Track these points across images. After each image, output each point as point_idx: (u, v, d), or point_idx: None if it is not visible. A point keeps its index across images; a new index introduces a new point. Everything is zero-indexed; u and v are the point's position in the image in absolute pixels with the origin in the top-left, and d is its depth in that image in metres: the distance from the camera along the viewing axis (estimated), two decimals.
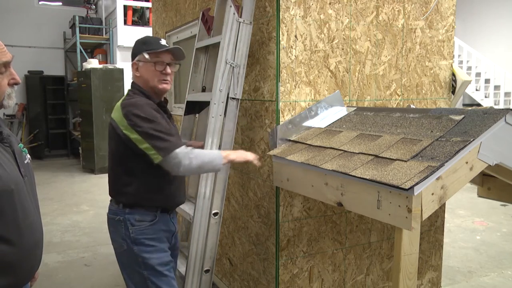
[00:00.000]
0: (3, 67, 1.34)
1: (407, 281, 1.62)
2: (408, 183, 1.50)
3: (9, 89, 1.37)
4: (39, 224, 1.48)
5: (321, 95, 2.43)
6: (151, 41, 2.07)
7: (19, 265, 1.38)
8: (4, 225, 1.32)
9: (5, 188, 1.30)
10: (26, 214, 1.39)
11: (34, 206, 1.46)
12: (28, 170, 1.46)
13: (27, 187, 1.42)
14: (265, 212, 2.50)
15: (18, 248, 1.36)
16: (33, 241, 1.43)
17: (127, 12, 9.48)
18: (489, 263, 4.08)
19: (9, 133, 1.46)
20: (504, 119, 1.67)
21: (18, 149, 1.45)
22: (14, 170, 1.36)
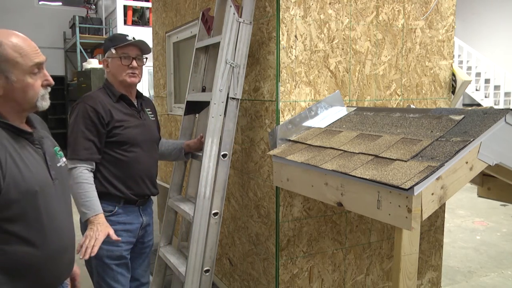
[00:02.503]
0: (36, 68, 1.34)
1: (407, 281, 1.62)
2: (408, 183, 1.50)
3: (43, 90, 1.38)
4: (68, 229, 1.47)
5: (321, 95, 2.43)
6: (117, 37, 2.19)
7: (43, 268, 1.36)
8: (26, 226, 1.31)
9: (28, 189, 1.29)
10: (52, 218, 1.37)
11: (64, 210, 1.45)
12: (60, 173, 1.46)
13: (57, 190, 1.41)
14: (265, 212, 2.50)
15: (42, 251, 1.35)
16: (60, 246, 1.41)
17: (127, 12, 9.48)
18: (489, 263, 4.08)
19: (44, 135, 1.47)
20: (504, 119, 1.67)
21: (51, 151, 1.45)
22: (41, 172, 1.36)
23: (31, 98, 1.34)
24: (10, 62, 1.29)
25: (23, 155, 1.32)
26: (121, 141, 2.09)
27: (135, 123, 2.15)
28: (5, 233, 1.28)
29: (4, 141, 1.29)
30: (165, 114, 4.15)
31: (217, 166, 2.31)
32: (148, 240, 2.33)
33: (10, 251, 1.29)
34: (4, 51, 1.29)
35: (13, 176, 1.27)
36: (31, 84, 1.33)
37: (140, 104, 2.25)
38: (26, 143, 1.36)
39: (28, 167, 1.32)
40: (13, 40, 1.31)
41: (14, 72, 1.30)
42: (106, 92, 2.15)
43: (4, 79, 1.30)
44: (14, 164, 1.28)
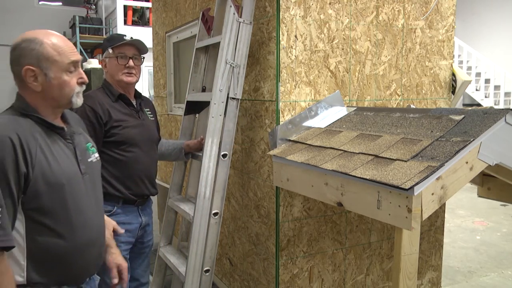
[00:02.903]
0: (72, 66, 1.41)
1: (407, 281, 1.62)
2: (408, 183, 1.50)
3: (78, 87, 1.43)
4: (97, 224, 1.50)
5: (321, 95, 2.43)
6: (114, 37, 2.21)
7: (71, 260, 1.41)
8: (54, 218, 1.36)
9: (56, 182, 1.35)
10: (79, 211, 1.42)
11: (93, 205, 1.48)
12: (91, 169, 1.50)
13: (86, 184, 1.46)
14: (265, 212, 2.50)
15: (69, 243, 1.39)
16: (87, 239, 1.45)
17: (127, 12, 9.48)
18: (489, 263, 4.08)
19: (77, 131, 1.52)
20: (504, 119, 1.67)
21: (82, 147, 1.51)
22: (70, 166, 1.41)
23: (66, 94, 1.41)
24: (49, 60, 1.36)
25: (53, 149, 1.38)
26: (120, 141, 2.09)
27: (133, 123, 2.16)
28: (35, 223, 1.34)
29: (36, 134, 1.35)
30: (165, 114, 4.16)
31: (217, 166, 2.31)
32: (147, 240, 2.33)
33: (40, 240, 1.34)
34: (44, 50, 1.36)
35: (41, 168, 1.32)
36: (67, 81, 1.40)
37: (139, 104, 2.26)
38: (58, 138, 1.42)
39: (57, 160, 1.37)
40: (53, 40, 1.39)
41: (52, 70, 1.37)
42: (105, 92, 2.16)
43: (43, 76, 1.37)
44: (43, 156, 1.33)
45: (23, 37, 1.38)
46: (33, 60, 1.36)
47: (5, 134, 1.28)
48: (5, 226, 1.23)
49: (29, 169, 1.29)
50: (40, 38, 1.37)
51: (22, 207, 1.32)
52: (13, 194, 1.27)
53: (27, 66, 1.36)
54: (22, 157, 1.28)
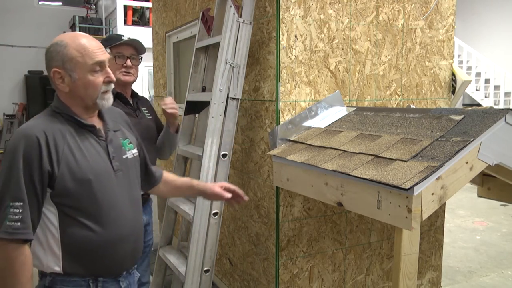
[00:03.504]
0: (97, 66, 1.43)
1: (407, 281, 1.62)
2: (408, 183, 1.50)
3: (104, 86, 1.46)
4: (131, 220, 1.51)
5: (321, 95, 2.43)
6: (113, 37, 2.22)
7: (102, 254, 1.44)
8: (84, 213, 1.40)
9: (82, 177, 1.38)
10: (111, 207, 1.44)
11: (126, 201, 1.50)
12: (125, 165, 1.52)
13: (119, 180, 1.48)
14: (265, 212, 2.50)
15: (100, 238, 1.42)
16: (119, 234, 1.46)
17: (127, 12, 9.48)
18: (489, 263, 4.07)
19: (113, 128, 1.54)
20: (504, 119, 1.67)
21: (117, 143, 1.53)
22: (100, 162, 1.44)
23: (91, 94, 1.44)
24: (73, 61, 1.40)
25: (83, 146, 1.42)
26: None
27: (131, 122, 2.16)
28: (67, 216, 1.39)
29: (66, 132, 1.41)
30: None
31: (217, 166, 2.32)
32: (147, 240, 2.33)
33: (72, 233, 1.39)
34: (68, 52, 1.40)
35: (68, 164, 1.37)
36: (91, 81, 1.43)
37: (136, 103, 2.27)
38: (89, 135, 1.46)
39: (86, 156, 1.41)
40: (77, 41, 1.42)
41: (76, 70, 1.41)
42: None
43: (69, 77, 1.42)
44: (70, 153, 1.38)
45: (52, 41, 1.44)
46: (59, 62, 1.41)
47: (33, 133, 1.34)
48: (25, 220, 1.30)
49: (54, 166, 1.34)
50: (65, 41, 1.42)
51: (53, 201, 1.38)
52: (37, 191, 1.33)
53: (54, 69, 1.42)
54: (47, 155, 1.34)
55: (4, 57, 10.70)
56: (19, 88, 11.02)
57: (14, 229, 1.29)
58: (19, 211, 1.30)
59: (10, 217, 1.29)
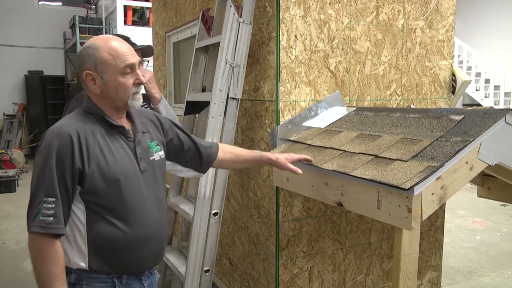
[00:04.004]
0: (128, 69, 1.47)
1: (407, 281, 1.62)
2: (408, 183, 1.50)
3: (134, 88, 1.49)
4: (156, 220, 1.55)
5: (321, 95, 2.43)
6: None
7: (128, 253, 1.47)
8: (111, 211, 1.44)
9: (111, 177, 1.42)
10: (138, 207, 1.48)
11: (152, 202, 1.53)
12: (152, 167, 1.56)
13: (146, 181, 1.52)
14: (265, 212, 2.50)
15: (127, 237, 1.45)
16: (145, 234, 1.50)
17: (127, 12, 9.47)
18: (489, 263, 4.08)
19: (141, 130, 1.58)
20: (504, 119, 1.67)
21: (145, 145, 1.57)
22: (128, 163, 1.48)
23: (122, 96, 1.48)
24: (105, 64, 1.45)
25: (112, 146, 1.47)
26: None
27: None
28: (94, 214, 1.43)
29: (96, 131, 1.45)
30: None
31: None
32: None
33: (99, 231, 1.43)
34: (100, 54, 1.45)
35: (97, 163, 1.41)
36: (122, 83, 1.46)
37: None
38: (119, 136, 1.50)
39: (115, 156, 1.45)
40: (109, 44, 1.46)
41: (107, 73, 1.45)
42: None
43: (100, 79, 1.46)
44: (100, 152, 1.43)
45: (85, 44, 1.49)
46: (91, 65, 1.45)
47: (66, 131, 1.40)
48: (58, 215, 1.36)
49: (84, 164, 1.39)
50: (97, 44, 1.46)
51: (82, 198, 1.42)
52: (68, 187, 1.38)
53: (87, 71, 1.46)
54: (78, 153, 1.39)
55: (4, 57, 10.69)
56: (19, 88, 11.01)
57: (47, 224, 1.34)
58: (52, 206, 1.35)
59: (44, 212, 1.34)
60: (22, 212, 5.38)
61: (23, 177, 7.92)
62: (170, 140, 1.72)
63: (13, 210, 5.86)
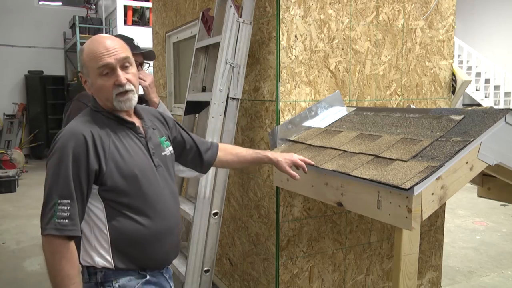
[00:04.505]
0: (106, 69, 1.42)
1: (407, 281, 1.62)
2: (408, 183, 1.50)
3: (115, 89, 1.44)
4: (173, 212, 1.56)
5: (321, 95, 2.43)
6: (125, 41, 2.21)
7: (151, 246, 1.47)
8: (132, 207, 1.43)
9: (129, 173, 1.42)
10: (156, 200, 1.48)
11: (168, 195, 1.54)
12: (165, 162, 1.57)
13: (160, 176, 1.52)
14: (265, 212, 2.50)
15: (148, 230, 1.46)
16: (165, 226, 1.51)
17: (127, 12, 9.47)
18: (489, 263, 4.07)
19: (151, 126, 1.58)
20: (504, 119, 1.67)
21: (156, 141, 1.57)
22: (143, 158, 1.48)
23: (106, 97, 1.45)
24: (85, 66, 1.45)
25: (126, 142, 1.46)
26: None
27: None
28: (115, 211, 1.42)
29: (108, 130, 1.45)
30: None
31: None
32: None
33: (121, 228, 1.42)
34: (82, 57, 1.45)
35: (115, 160, 1.41)
36: (101, 85, 1.44)
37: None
38: (130, 132, 1.50)
39: (130, 152, 1.45)
40: (88, 45, 1.45)
41: (89, 75, 1.45)
42: None
43: (88, 81, 1.48)
44: (116, 149, 1.42)
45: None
46: (80, 67, 1.48)
47: (80, 132, 1.39)
48: (74, 217, 1.35)
49: (101, 164, 1.38)
50: (83, 46, 1.46)
51: (101, 196, 1.41)
52: (82, 189, 1.37)
53: (80, 73, 1.51)
54: (94, 153, 1.38)
55: (4, 57, 10.69)
56: (19, 88, 11.01)
57: (63, 226, 1.32)
58: (67, 208, 1.33)
59: (59, 214, 1.33)
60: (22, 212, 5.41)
61: (23, 177, 7.92)
62: (174, 138, 1.72)
63: (13, 210, 5.86)
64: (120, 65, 1.44)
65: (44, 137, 10.75)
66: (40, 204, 1.39)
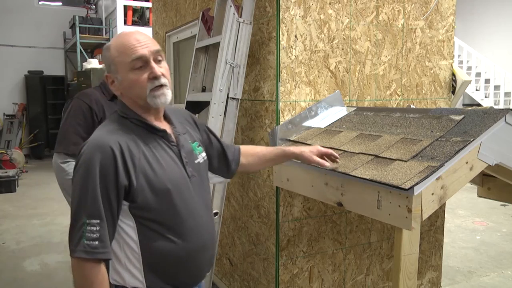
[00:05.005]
0: (139, 63, 1.32)
1: (407, 281, 1.62)
2: (408, 183, 1.50)
3: (150, 84, 1.33)
4: (208, 226, 1.46)
5: (321, 95, 2.43)
6: None
7: (186, 265, 1.39)
8: (164, 225, 1.33)
9: (161, 188, 1.31)
10: (190, 216, 1.38)
11: (202, 207, 1.44)
12: (198, 170, 1.45)
13: (194, 187, 1.41)
14: (265, 212, 2.50)
15: (183, 249, 1.36)
16: (200, 243, 1.41)
17: (127, 12, 9.47)
18: (489, 263, 4.08)
19: (183, 131, 1.47)
20: (504, 119, 1.67)
21: (188, 148, 1.45)
22: (175, 170, 1.37)
23: (139, 94, 1.33)
24: (114, 62, 1.33)
25: (157, 153, 1.34)
26: None
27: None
28: (147, 229, 1.32)
29: (138, 139, 1.32)
30: None
31: None
32: None
33: (153, 246, 1.32)
34: (110, 54, 1.34)
35: (145, 175, 1.29)
36: (134, 80, 1.32)
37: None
38: (161, 141, 1.38)
39: (162, 165, 1.33)
40: (117, 40, 1.34)
41: (119, 72, 1.33)
42: (101, 90, 2.17)
43: (116, 80, 1.35)
44: (147, 163, 1.31)
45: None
46: (107, 66, 1.37)
47: (107, 144, 1.26)
48: (104, 239, 1.24)
49: (132, 180, 1.27)
50: (110, 43, 1.36)
51: (132, 213, 1.31)
52: (112, 206, 1.26)
53: (106, 74, 1.38)
54: (123, 167, 1.26)
55: (4, 57, 10.70)
56: (19, 88, 11.02)
57: (93, 248, 1.22)
58: (96, 229, 1.23)
59: (88, 235, 1.22)
60: (22, 212, 5.41)
61: (23, 177, 7.92)
62: (203, 142, 1.59)
63: (13, 210, 5.86)
64: (153, 58, 1.33)
65: (44, 137, 10.76)
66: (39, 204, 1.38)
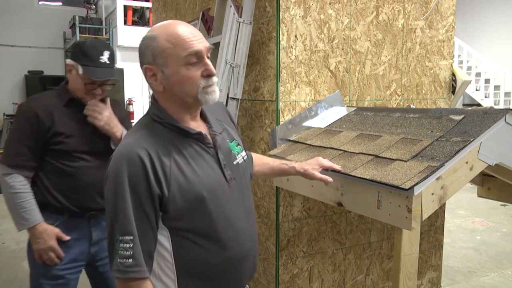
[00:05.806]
0: (194, 58, 1.22)
1: (407, 281, 1.62)
2: (408, 183, 1.50)
3: (203, 81, 1.24)
4: (249, 233, 1.36)
5: (321, 95, 2.43)
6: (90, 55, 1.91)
7: (224, 276, 1.30)
8: (199, 234, 1.25)
9: (194, 196, 1.22)
10: (228, 224, 1.28)
11: (242, 213, 1.34)
12: (237, 172, 1.35)
13: (233, 191, 1.31)
14: (265, 212, 2.51)
15: (220, 259, 1.28)
16: (240, 252, 1.32)
17: (127, 12, 9.48)
18: (489, 263, 4.08)
19: (218, 130, 1.35)
20: (504, 119, 1.67)
21: (226, 148, 1.34)
22: (212, 175, 1.27)
23: (189, 91, 1.23)
24: (164, 54, 1.21)
25: (191, 158, 1.25)
26: (63, 150, 1.88)
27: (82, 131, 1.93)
28: (181, 239, 1.24)
29: (170, 145, 1.23)
30: None
31: None
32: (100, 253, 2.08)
33: (188, 257, 1.25)
34: (158, 44, 1.21)
35: (178, 184, 1.20)
36: (187, 76, 1.22)
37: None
38: (196, 144, 1.28)
39: (195, 171, 1.24)
40: (168, 30, 1.22)
41: (168, 65, 1.21)
42: (58, 94, 1.94)
43: (161, 73, 1.22)
44: (179, 170, 1.21)
45: (144, 35, 1.26)
46: (149, 57, 1.23)
47: (135, 153, 1.17)
48: (137, 256, 1.16)
49: (163, 189, 1.18)
50: (156, 32, 1.23)
51: (164, 224, 1.22)
52: (150, 218, 1.18)
53: (145, 65, 1.24)
54: (154, 177, 1.17)
55: (4, 57, 10.71)
56: (19, 88, 11.03)
57: (126, 267, 1.16)
58: (129, 246, 1.16)
59: (121, 253, 1.16)
60: None
61: None
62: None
63: None
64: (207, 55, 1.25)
65: None
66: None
